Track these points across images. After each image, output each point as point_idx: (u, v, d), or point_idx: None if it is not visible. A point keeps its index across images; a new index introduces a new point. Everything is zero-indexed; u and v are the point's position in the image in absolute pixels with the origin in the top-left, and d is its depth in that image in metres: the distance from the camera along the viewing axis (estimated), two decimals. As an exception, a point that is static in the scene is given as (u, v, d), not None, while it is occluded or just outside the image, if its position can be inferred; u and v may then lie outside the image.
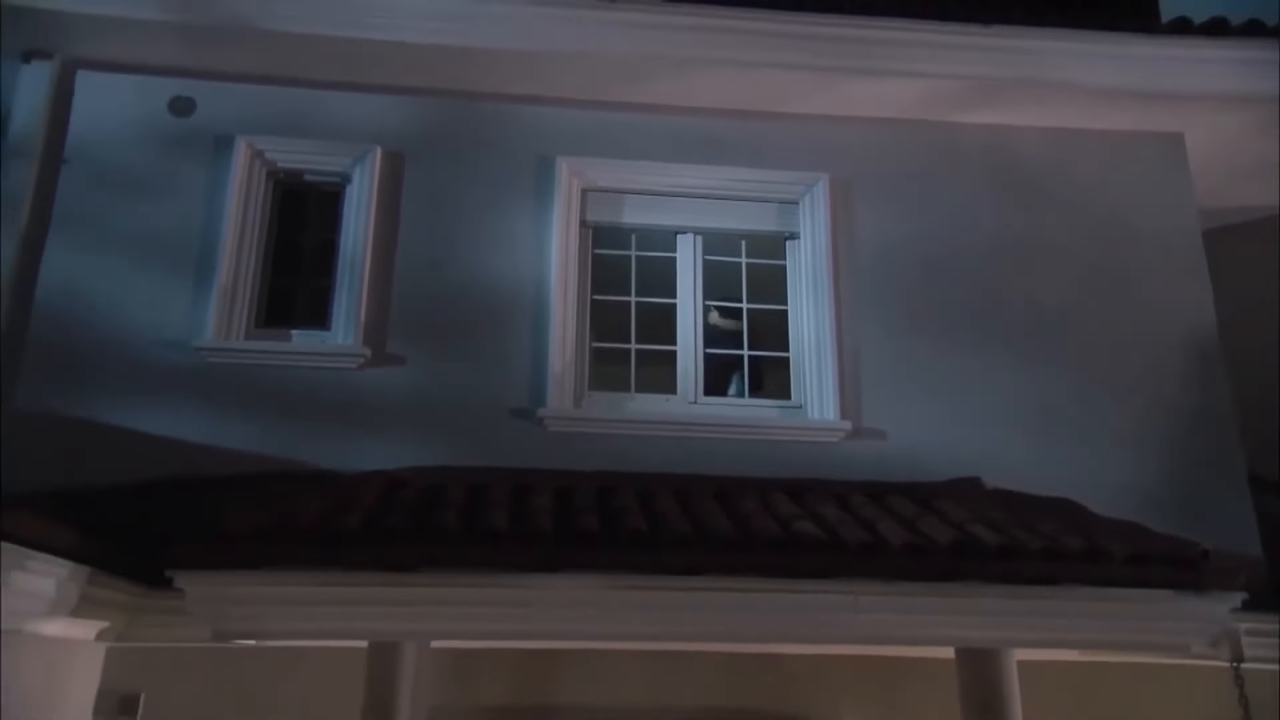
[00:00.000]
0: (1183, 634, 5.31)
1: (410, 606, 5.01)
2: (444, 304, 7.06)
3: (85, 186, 6.73)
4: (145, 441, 6.21)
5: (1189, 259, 7.53)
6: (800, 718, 6.89)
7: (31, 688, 5.35)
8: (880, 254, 7.47)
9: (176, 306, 6.66)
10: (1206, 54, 7.18)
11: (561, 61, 7.09)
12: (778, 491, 6.20)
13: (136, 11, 6.53)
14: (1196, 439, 7.19)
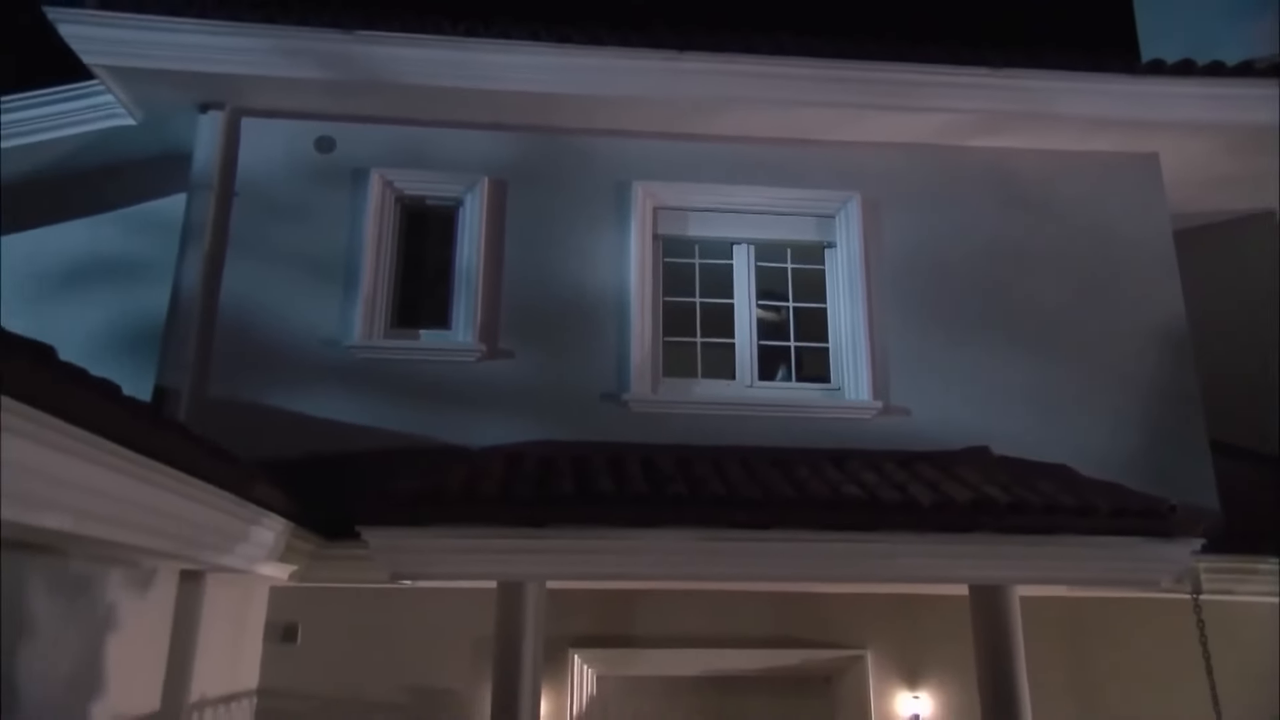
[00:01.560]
0: (1154, 572, 5.92)
1: (536, 555, 5.67)
2: (544, 306, 7.59)
3: (253, 214, 7.36)
4: (308, 422, 6.89)
5: (1162, 262, 7.98)
6: (833, 643, 7.48)
7: (224, 620, 6.17)
8: (903, 260, 7.93)
9: (329, 312, 7.27)
10: (1176, 90, 7.65)
11: (637, 102, 7.58)
12: (823, 460, 6.75)
13: (289, 72, 7.15)
14: (1167, 413, 7.68)
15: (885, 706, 7.36)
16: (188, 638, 5.70)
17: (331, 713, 6.85)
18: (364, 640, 7.02)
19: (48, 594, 4.27)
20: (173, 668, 5.60)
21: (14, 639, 4.03)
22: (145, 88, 7.07)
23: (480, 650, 6.80)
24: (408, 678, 7.06)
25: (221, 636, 6.15)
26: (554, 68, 7.35)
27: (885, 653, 7.46)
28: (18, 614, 4.02)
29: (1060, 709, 7.07)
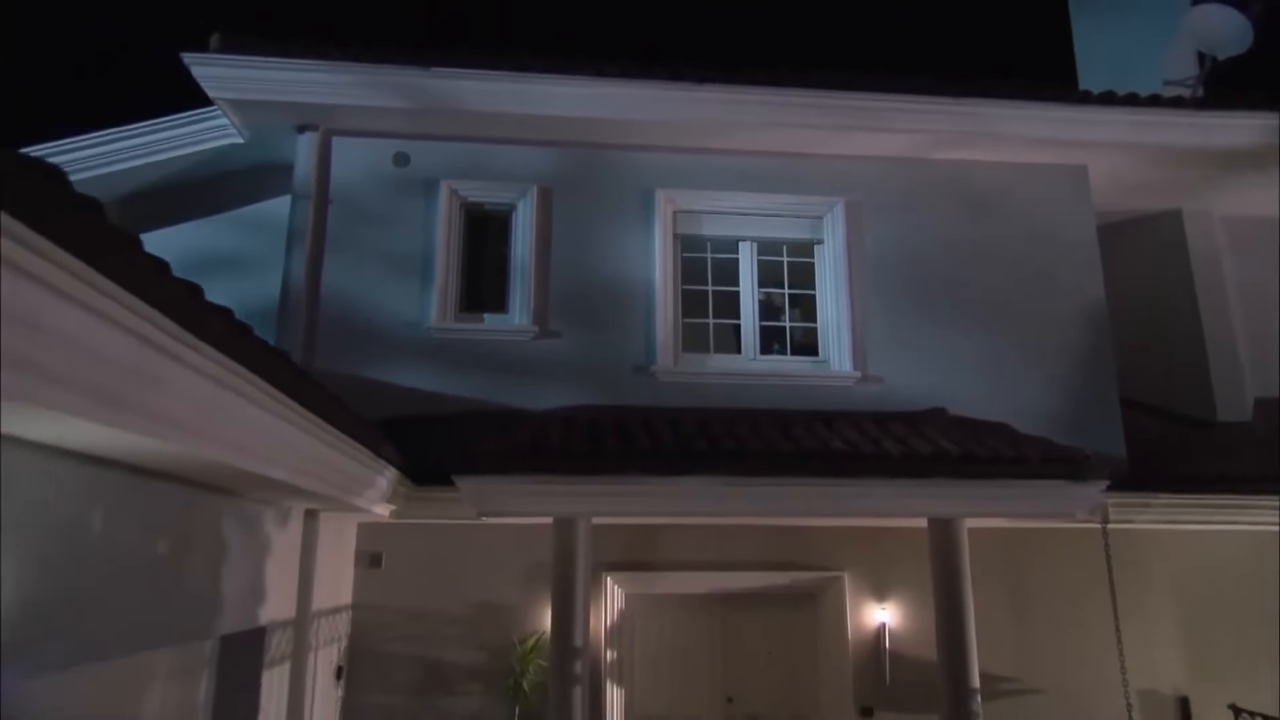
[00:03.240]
0: (1072, 507, 6.72)
1: (587, 497, 6.45)
2: (585, 293, 8.20)
3: (345, 219, 7.97)
4: (395, 389, 7.61)
5: (1088, 257, 8.63)
6: (813, 565, 8.18)
7: (329, 549, 6.97)
8: (879, 255, 8.54)
9: (410, 299, 7.92)
10: (1102, 116, 8.30)
11: (660, 123, 8.15)
12: (814, 420, 7.50)
13: (372, 100, 7.75)
14: (1088, 380, 8.38)
15: (859, 617, 8.09)
16: (309, 563, 6.55)
17: (410, 624, 7.65)
18: (435, 566, 7.77)
19: (234, 526, 5.19)
20: (302, 584, 6.44)
21: (217, 559, 4.96)
22: (255, 114, 7.69)
23: (530, 574, 7.68)
24: (471, 596, 7.79)
25: (328, 562, 6.98)
26: (592, 96, 7.93)
27: (859, 573, 8.16)
28: (217, 541, 4.94)
29: (998, 616, 7.81)
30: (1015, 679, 7.91)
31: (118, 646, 4.03)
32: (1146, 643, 7.99)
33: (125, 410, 2.65)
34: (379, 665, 7.61)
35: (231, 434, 3.56)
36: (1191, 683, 8.02)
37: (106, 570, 3.78)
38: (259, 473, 4.03)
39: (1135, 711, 7.63)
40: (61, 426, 2.81)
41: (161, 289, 2.58)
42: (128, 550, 3.97)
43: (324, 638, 7.01)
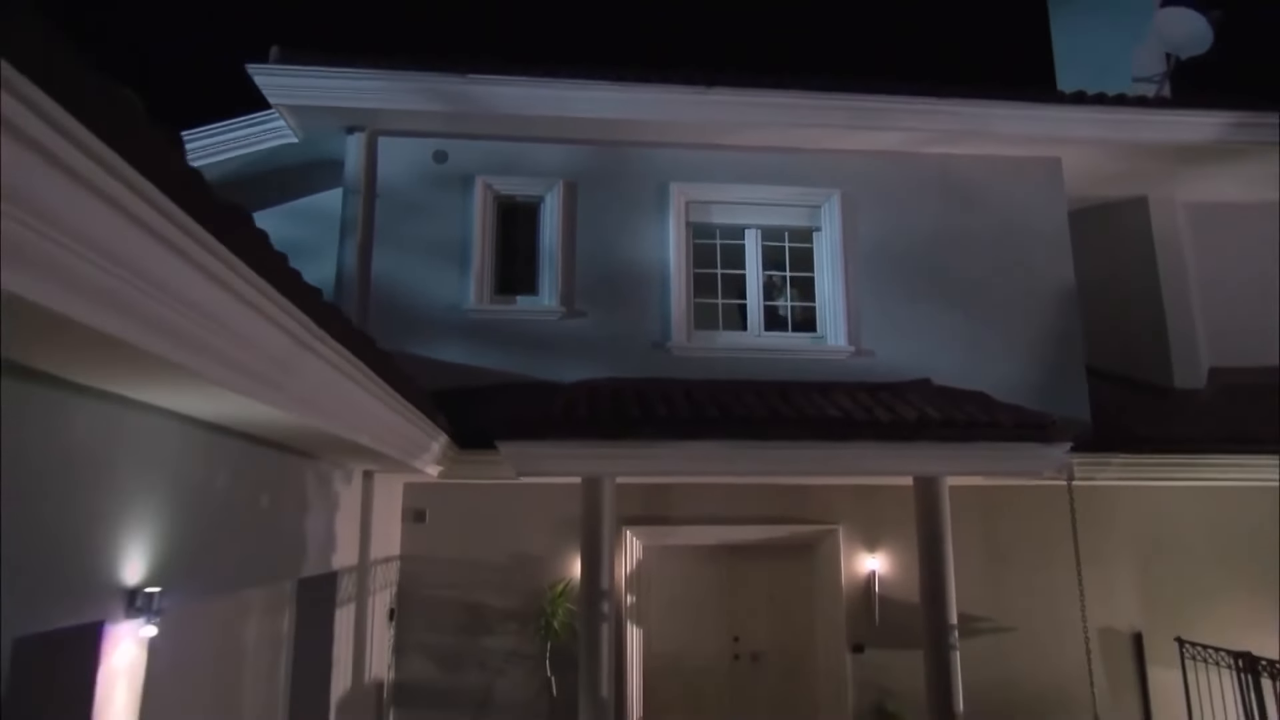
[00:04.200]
0: (1040, 466, 7.16)
1: (612, 459, 6.91)
2: (607, 277, 8.54)
3: (391, 211, 8.33)
4: (438, 364, 7.99)
5: (1059, 243, 8.97)
6: (810, 520, 8.59)
7: (382, 506, 7.51)
8: (872, 241, 8.86)
9: (450, 283, 8.31)
10: (1074, 114, 8.62)
11: (674, 123, 8.44)
12: (812, 390, 7.90)
13: (415, 105, 8.09)
14: (1057, 352, 8.74)
15: (852, 565, 8.54)
16: (368, 517, 7.12)
17: (451, 572, 8.15)
18: (473, 521, 8.25)
19: (313, 485, 5.77)
20: (362, 537, 7.01)
21: (300, 512, 5.54)
22: (309, 118, 8.08)
23: (558, 528, 8.16)
24: (505, 547, 8.27)
25: (381, 518, 7.53)
26: (612, 99, 8.24)
27: (852, 526, 8.60)
28: (300, 497, 5.52)
29: (975, 564, 8.28)
30: (990, 619, 8.39)
31: (235, 583, 4.64)
32: (1106, 586, 8.48)
33: (279, 391, 3.22)
34: (425, 608, 8.11)
35: (339, 408, 4.14)
36: (1144, 620, 8.54)
37: (226, 520, 4.38)
38: (351, 439, 4.60)
39: (1096, 646, 8.21)
40: (214, 401, 3.38)
41: (300, 289, 3.14)
42: (240, 504, 4.56)
43: (379, 584, 7.58)
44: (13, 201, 1.69)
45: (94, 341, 2.22)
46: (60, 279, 1.93)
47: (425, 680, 7.99)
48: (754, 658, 8.74)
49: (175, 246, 2.27)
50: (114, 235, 2.05)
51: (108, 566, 3.25)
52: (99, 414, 3.11)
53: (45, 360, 2.60)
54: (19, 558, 2.71)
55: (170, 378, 2.76)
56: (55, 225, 1.84)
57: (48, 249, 1.85)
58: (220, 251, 2.42)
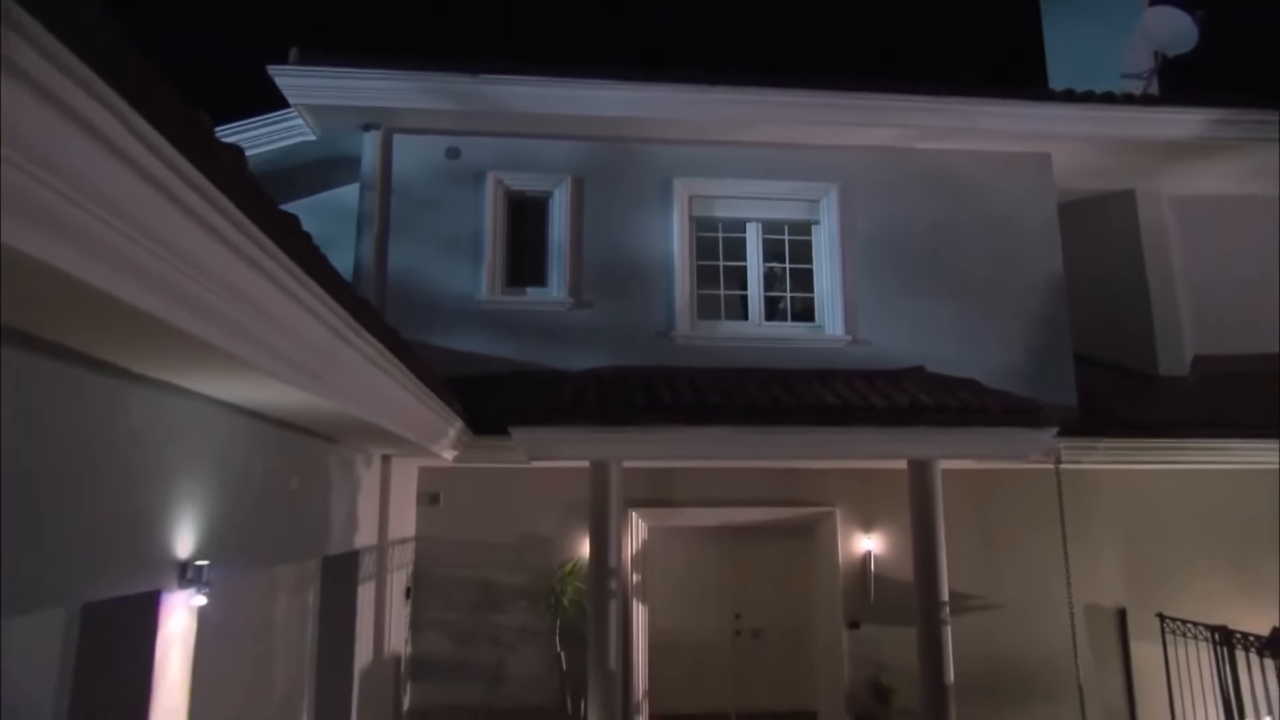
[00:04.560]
0: (1028, 450, 7.33)
1: (619, 444, 7.08)
2: (613, 269, 8.72)
3: (406, 206, 8.52)
4: (451, 353, 8.16)
5: (1049, 235, 9.14)
6: (809, 502, 8.78)
7: (398, 489, 7.74)
8: (868, 234, 9.03)
9: (463, 275, 8.50)
10: (1063, 112, 8.78)
11: (678, 121, 8.61)
12: (811, 377, 8.08)
13: (428, 104, 8.27)
14: (1046, 341, 8.93)
15: (848, 545, 8.76)
16: (385, 500, 7.35)
17: (464, 552, 8.38)
18: (485, 504, 8.47)
19: (337, 469, 6.01)
20: (381, 518, 7.26)
21: (326, 494, 5.78)
22: (326, 117, 8.28)
23: (566, 510, 8.39)
24: (516, 528, 8.48)
25: (398, 500, 7.77)
26: (618, 98, 8.42)
27: (849, 508, 8.80)
28: (326, 480, 5.76)
29: (967, 544, 8.48)
30: (981, 596, 8.63)
31: (271, 559, 4.89)
32: (1092, 565, 8.72)
33: (317, 380, 3.45)
34: (439, 587, 8.35)
35: (370, 396, 4.37)
36: (1128, 597, 8.78)
37: (263, 500, 4.62)
38: (378, 425, 4.84)
39: (1081, 621, 8.45)
40: (260, 389, 3.62)
41: (339, 285, 3.37)
42: (275, 486, 4.81)
43: (396, 563, 7.82)
44: (116, 216, 1.93)
45: (160, 332, 2.45)
46: (147, 281, 2.17)
47: (440, 655, 8.25)
48: (755, 634, 8.99)
49: (243, 253, 2.51)
50: (195, 243, 2.29)
51: (163, 540, 3.49)
52: (154, 401, 3.34)
53: (113, 351, 2.83)
54: (88, 531, 2.96)
55: (226, 368, 3.00)
56: (151, 236, 2.08)
57: (140, 255, 2.09)
58: (278, 254, 2.66)
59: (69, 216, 1.83)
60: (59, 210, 1.80)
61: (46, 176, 1.72)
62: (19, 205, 1.66)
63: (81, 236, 1.89)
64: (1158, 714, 8.44)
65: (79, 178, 1.83)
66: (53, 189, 1.75)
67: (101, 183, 1.90)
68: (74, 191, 1.81)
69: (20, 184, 1.65)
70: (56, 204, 1.79)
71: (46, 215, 1.77)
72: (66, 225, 1.84)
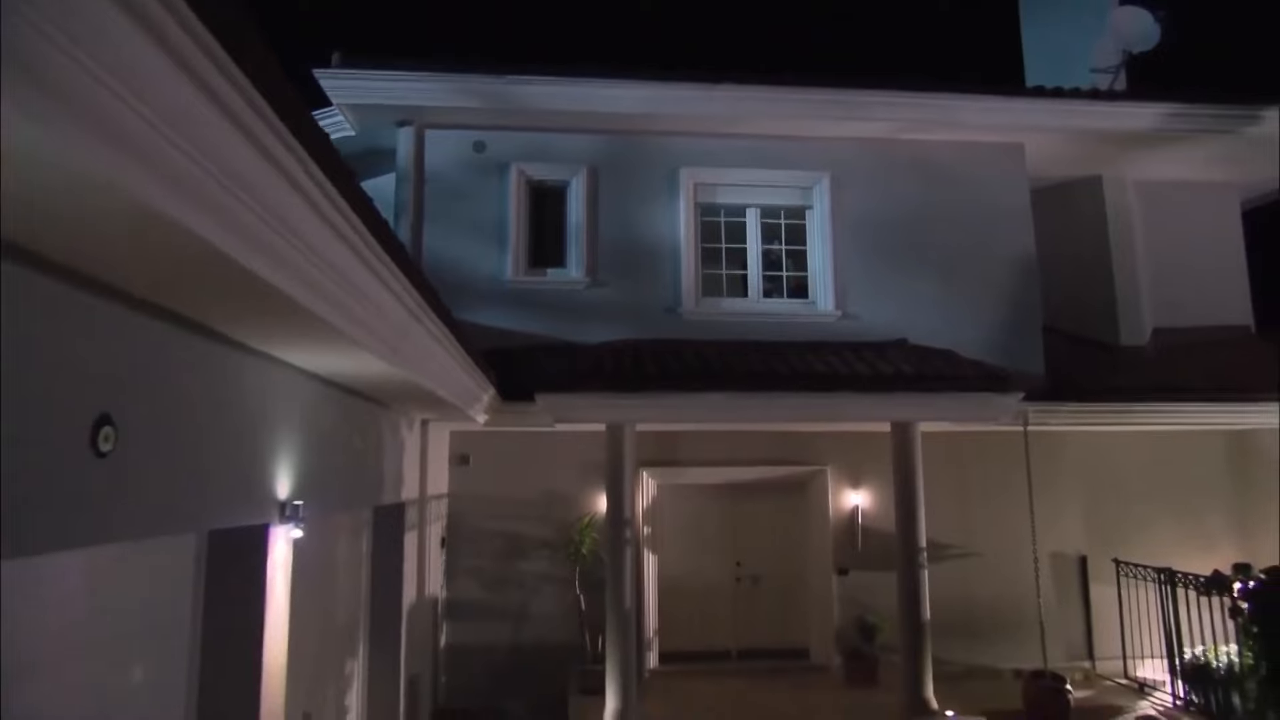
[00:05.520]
0: (998, 413, 7.78)
1: (632, 408, 7.53)
2: (626, 251, 9.12)
3: (438, 195, 8.94)
4: (482, 329, 8.52)
5: (1022, 218, 9.55)
6: (802, 461, 9.32)
7: (434, 451, 8.32)
8: (857, 218, 9.42)
9: (491, 258, 8.95)
10: (1035, 106, 9.21)
11: (684, 115, 8.99)
12: (804, 349, 8.52)
13: (458, 102, 8.69)
14: (1017, 315, 9.36)
15: (838, 501, 9.34)
16: (424, 459, 7.93)
17: (491, 506, 8.97)
18: (509, 464, 9.03)
19: (387, 430, 6.61)
20: (421, 475, 7.84)
21: (380, 452, 6.38)
22: (365, 114, 8.71)
23: (583, 469, 8.93)
24: (538, 486, 9.04)
25: (434, 460, 8.37)
26: (630, 95, 8.82)
27: (839, 467, 9.37)
28: (379, 440, 6.36)
29: (945, 499, 9.01)
30: (956, 546, 9.25)
31: (341, 504, 5.54)
32: (1056, 517, 9.33)
33: (398, 356, 4.06)
34: (471, 538, 8.96)
35: (429, 366, 4.99)
36: (1088, 545, 9.44)
37: (335, 454, 5.25)
38: (431, 390, 5.45)
39: (1046, 567, 9.06)
40: (348, 359, 4.22)
41: (415, 272, 3.96)
42: (342, 443, 5.43)
43: (433, 516, 8.45)
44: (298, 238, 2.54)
45: (301, 316, 3.06)
46: (296, 275, 2.78)
47: (472, 598, 8.89)
48: (754, 580, 9.55)
49: (358, 251, 3.11)
50: (326, 244, 2.89)
51: (268, 482, 4.11)
52: (261, 371, 3.96)
53: (245, 331, 3.44)
54: (217, 473, 3.58)
55: (335, 343, 3.62)
56: (304, 242, 2.69)
57: (288, 251, 2.70)
58: (380, 251, 3.25)
59: (269, 240, 2.45)
60: (261, 234, 2.41)
61: (246, 198, 2.32)
62: (239, 232, 2.27)
63: (272, 252, 2.51)
64: (1111, 646, 9.11)
65: (270, 202, 2.43)
66: (259, 218, 2.35)
67: (289, 214, 2.51)
68: (269, 216, 2.42)
69: (238, 213, 2.25)
70: (261, 230, 2.39)
71: (258, 240, 2.38)
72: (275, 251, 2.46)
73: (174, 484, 3.16)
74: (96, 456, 2.64)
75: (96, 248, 2.26)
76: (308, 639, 5.23)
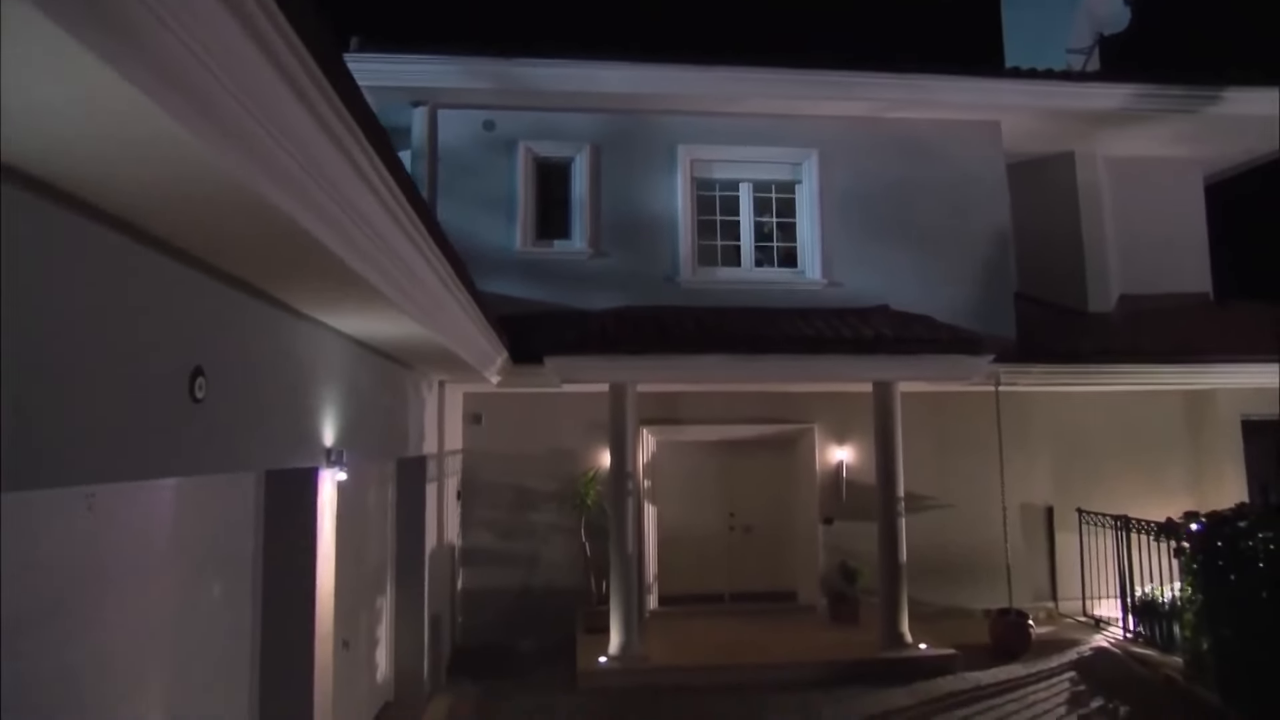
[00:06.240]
0: (970, 373, 8.24)
1: (634, 369, 7.92)
2: (627, 223, 9.47)
3: (451, 171, 9.26)
4: (493, 297, 8.47)
5: (997, 191, 9.92)
6: (791, 420, 9.73)
7: (449, 410, 8.74)
8: (843, 194, 9.75)
9: (500, 230, 9.31)
10: (1010, 86, 9.51)
11: (681, 95, 9.27)
12: (793, 315, 8.89)
13: (468, 84, 8.98)
14: (991, 283, 9.75)
15: (825, 456, 9.80)
16: (441, 417, 8.37)
17: (502, 462, 9.41)
18: (519, 423, 9.46)
19: (410, 389, 7.05)
20: (439, 431, 8.28)
21: (404, 409, 6.83)
22: (383, 96, 8.90)
23: (587, 428, 9.36)
24: (546, 442, 9.48)
25: (450, 418, 8.80)
26: (630, 76, 9.12)
27: (825, 425, 9.81)
28: (404, 398, 6.79)
29: (923, 454, 9.47)
30: (933, 497, 9.75)
31: (375, 454, 5.99)
32: (1026, 471, 9.82)
33: (431, 320, 4.50)
34: (484, 491, 9.43)
35: (455, 331, 5.42)
36: (1054, 496, 9.94)
37: (368, 409, 5.69)
38: (455, 352, 5.88)
39: (1015, 517, 9.57)
40: (389, 324, 4.65)
41: (448, 248, 4.38)
42: (374, 399, 5.87)
43: (450, 470, 8.92)
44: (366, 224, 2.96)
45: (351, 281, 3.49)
46: (359, 252, 3.21)
47: (486, 546, 9.38)
48: (746, 529, 10.02)
49: (405, 229, 3.54)
50: (382, 221, 3.32)
51: (317, 430, 4.56)
52: (310, 333, 4.38)
53: (297, 297, 3.87)
54: (278, 420, 4.02)
55: (384, 310, 4.05)
56: (365, 222, 3.12)
57: (357, 236, 3.13)
58: (423, 229, 3.68)
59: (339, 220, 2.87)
60: (340, 219, 2.84)
61: (332, 190, 2.75)
62: (324, 219, 2.70)
63: (342, 231, 2.93)
64: (1073, 588, 9.67)
65: (350, 196, 2.85)
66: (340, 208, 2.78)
67: (356, 200, 2.93)
68: (347, 206, 2.84)
69: (326, 204, 2.68)
70: (339, 216, 2.82)
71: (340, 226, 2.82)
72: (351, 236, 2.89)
73: (247, 428, 3.61)
74: (193, 401, 3.09)
75: (203, 229, 2.68)
76: (345, 575, 5.70)
